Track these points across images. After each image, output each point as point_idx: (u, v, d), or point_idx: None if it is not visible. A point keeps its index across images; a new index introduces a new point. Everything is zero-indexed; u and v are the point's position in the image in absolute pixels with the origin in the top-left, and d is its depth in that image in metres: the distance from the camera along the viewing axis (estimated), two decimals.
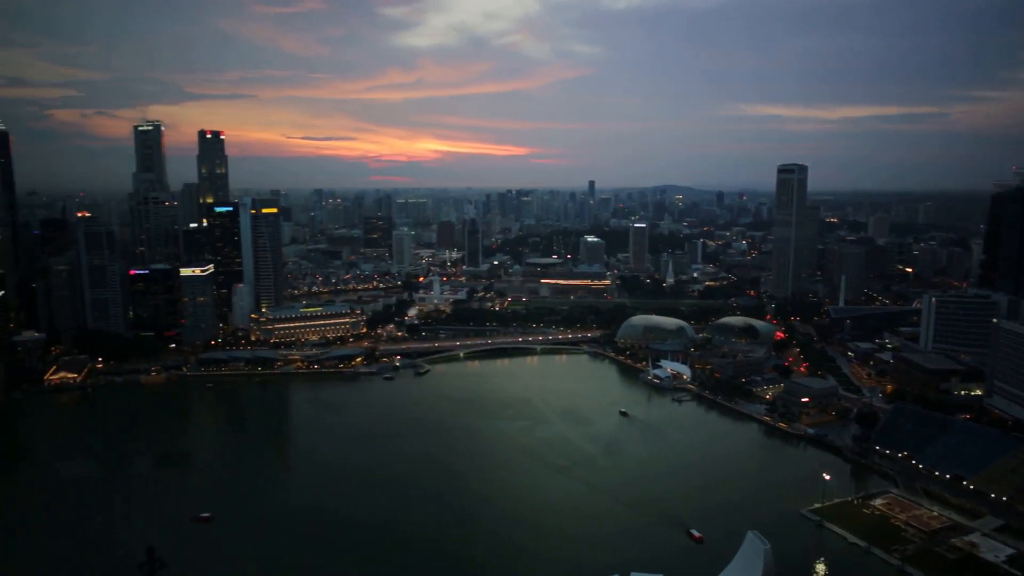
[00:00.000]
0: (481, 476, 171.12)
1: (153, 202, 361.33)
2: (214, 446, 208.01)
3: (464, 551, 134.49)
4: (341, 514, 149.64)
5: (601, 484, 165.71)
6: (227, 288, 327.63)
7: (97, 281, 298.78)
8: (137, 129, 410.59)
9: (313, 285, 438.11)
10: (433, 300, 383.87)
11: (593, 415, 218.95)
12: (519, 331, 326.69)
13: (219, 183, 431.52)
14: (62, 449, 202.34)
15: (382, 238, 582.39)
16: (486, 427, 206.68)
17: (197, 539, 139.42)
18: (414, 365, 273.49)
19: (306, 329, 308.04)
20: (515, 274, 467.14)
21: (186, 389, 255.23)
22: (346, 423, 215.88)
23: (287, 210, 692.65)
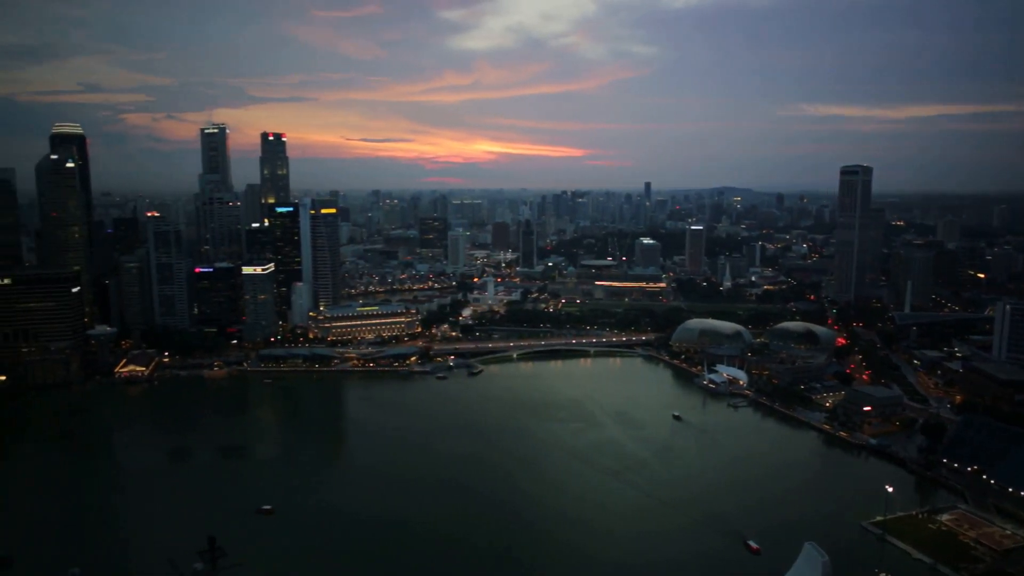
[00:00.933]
0: (532, 477, 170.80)
1: (218, 202, 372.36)
2: (272, 440, 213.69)
3: (512, 552, 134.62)
4: (395, 511, 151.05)
5: (653, 489, 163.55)
6: (287, 286, 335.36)
7: (164, 278, 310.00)
8: (203, 132, 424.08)
9: (369, 284, 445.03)
10: (487, 301, 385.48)
11: (646, 419, 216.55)
12: (573, 333, 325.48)
13: (280, 184, 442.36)
14: (130, 439, 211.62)
15: (437, 238, 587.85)
16: (538, 429, 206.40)
17: (257, 530, 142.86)
18: (467, 365, 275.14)
19: (362, 328, 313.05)
20: (569, 276, 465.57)
21: (246, 384, 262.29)
22: (400, 421, 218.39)
23: (345, 210, 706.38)
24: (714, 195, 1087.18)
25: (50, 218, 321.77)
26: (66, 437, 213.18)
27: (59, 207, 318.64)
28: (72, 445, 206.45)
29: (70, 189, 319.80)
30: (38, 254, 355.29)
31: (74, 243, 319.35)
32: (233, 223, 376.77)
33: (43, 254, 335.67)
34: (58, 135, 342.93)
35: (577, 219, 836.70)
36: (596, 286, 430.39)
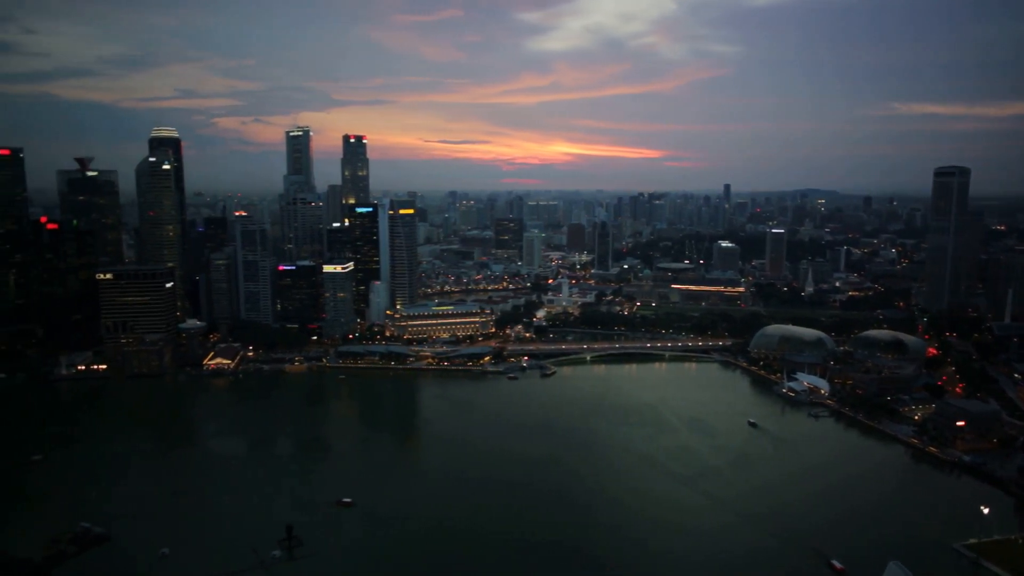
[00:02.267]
0: (601, 482, 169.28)
1: (301, 202, 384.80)
2: (349, 435, 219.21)
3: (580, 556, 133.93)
4: (468, 509, 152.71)
5: (727, 499, 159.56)
6: (365, 285, 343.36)
7: (250, 275, 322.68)
8: (289, 135, 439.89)
9: (445, 284, 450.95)
10: (561, 302, 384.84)
11: (721, 426, 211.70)
12: (647, 336, 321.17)
13: (361, 185, 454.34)
14: (216, 428, 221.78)
15: (513, 239, 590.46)
16: (610, 432, 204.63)
17: (335, 522, 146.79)
18: (541, 366, 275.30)
19: (437, 327, 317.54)
20: (645, 278, 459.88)
21: (324, 379, 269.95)
22: (472, 420, 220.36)
23: (423, 211, 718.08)
24: (796, 197, 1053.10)
25: (148, 217, 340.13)
26: (159, 424, 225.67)
27: (156, 207, 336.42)
28: (164, 432, 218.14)
29: (166, 190, 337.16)
30: (137, 251, 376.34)
31: (169, 241, 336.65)
32: (315, 223, 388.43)
33: (141, 251, 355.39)
34: (156, 138, 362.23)
35: (654, 221, 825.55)
36: (672, 289, 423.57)
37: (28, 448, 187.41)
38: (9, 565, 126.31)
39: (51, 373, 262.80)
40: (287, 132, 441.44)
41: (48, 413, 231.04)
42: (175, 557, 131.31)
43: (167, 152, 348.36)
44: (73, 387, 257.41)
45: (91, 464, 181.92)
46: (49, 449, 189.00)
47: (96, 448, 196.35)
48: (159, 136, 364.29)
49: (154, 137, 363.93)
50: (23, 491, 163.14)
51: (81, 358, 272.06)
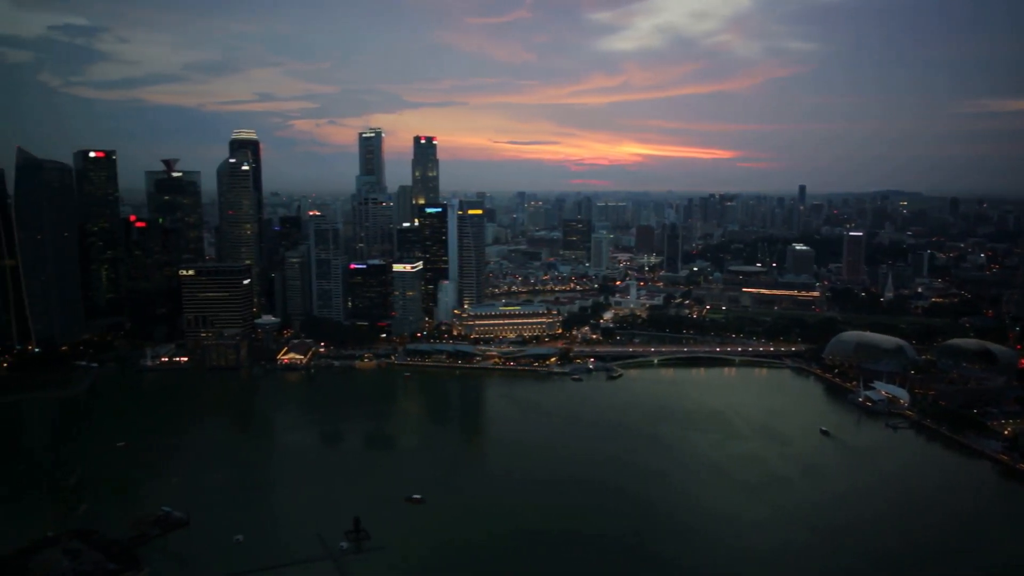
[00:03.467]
0: (666, 485, 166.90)
1: (372, 203, 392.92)
2: (416, 431, 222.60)
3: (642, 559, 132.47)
4: (533, 509, 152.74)
5: (796, 510, 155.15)
6: (433, 284, 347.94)
7: (323, 273, 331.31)
8: (361, 136, 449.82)
9: (512, 284, 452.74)
10: (629, 304, 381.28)
11: (792, 434, 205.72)
12: (717, 340, 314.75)
13: (430, 185, 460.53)
14: (289, 421, 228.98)
15: (581, 240, 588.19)
16: (676, 436, 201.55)
17: (403, 518, 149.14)
18: (607, 368, 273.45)
19: (504, 327, 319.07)
20: (715, 281, 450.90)
21: (392, 376, 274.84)
22: (539, 421, 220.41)
23: (491, 211, 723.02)
24: (876, 199, 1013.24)
25: (227, 216, 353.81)
26: (235, 416, 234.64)
27: (235, 206, 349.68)
28: (240, 423, 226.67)
29: (245, 190, 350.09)
30: (217, 248, 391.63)
31: (246, 239, 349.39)
32: (386, 222, 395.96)
33: (221, 248, 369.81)
34: (236, 140, 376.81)
35: (725, 223, 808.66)
36: (743, 293, 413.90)
37: (116, 435, 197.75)
38: (101, 543, 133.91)
39: (138, 364, 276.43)
40: (360, 133, 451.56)
41: (134, 402, 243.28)
42: (248, 544, 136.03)
43: (246, 154, 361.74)
44: (157, 378, 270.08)
45: (172, 451, 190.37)
46: (133, 436, 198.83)
47: (177, 436, 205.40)
48: (239, 138, 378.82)
49: (234, 139, 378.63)
50: (111, 475, 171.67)
51: (165, 350, 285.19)
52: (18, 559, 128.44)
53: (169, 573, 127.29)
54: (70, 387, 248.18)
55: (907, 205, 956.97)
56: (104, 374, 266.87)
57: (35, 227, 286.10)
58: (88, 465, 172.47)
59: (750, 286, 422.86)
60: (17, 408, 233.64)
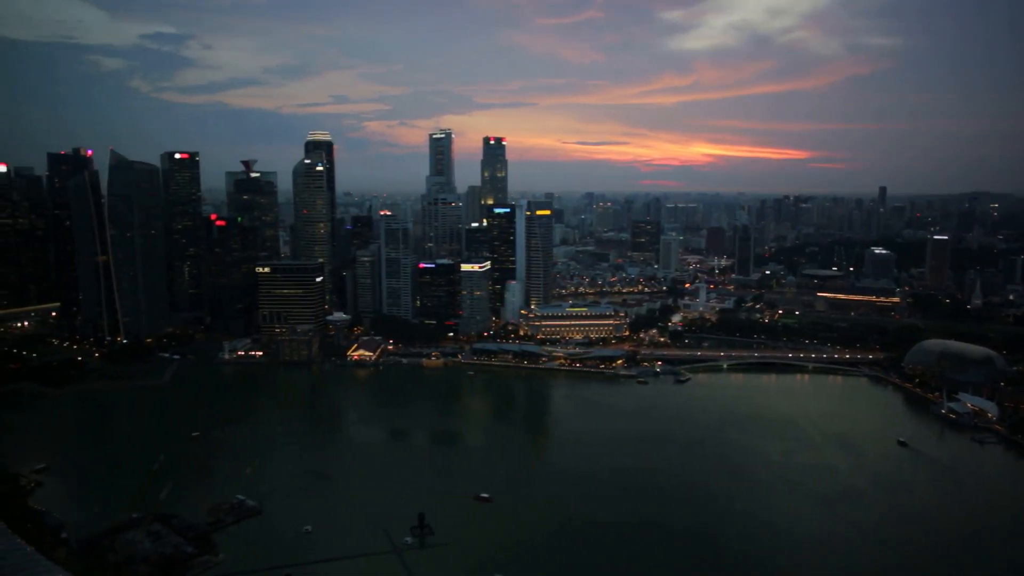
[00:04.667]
0: (733, 493, 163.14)
1: (441, 203, 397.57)
2: (482, 430, 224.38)
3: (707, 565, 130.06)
4: (598, 511, 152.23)
5: (870, 524, 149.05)
6: (501, 284, 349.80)
7: (392, 272, 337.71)
8: (432, 137, 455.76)
9: (580, 286, 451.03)
10: (698, 307, 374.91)
11: (868, 445, 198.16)
12: (789, 346, 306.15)
13: (499, 186, 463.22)
14: (358, 416, 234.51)
15: (649, 242, 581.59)
16: (744, 443, 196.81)
17: (468, 515, 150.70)
18: (674, 372, 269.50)
19: (571, 328, 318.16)
20: (788, 285, 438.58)
21: (459, 375, 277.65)
22: (605, 423, 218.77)
23: (559, 212, 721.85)
24: (964, 201, 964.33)
25: (302, 215, 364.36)
26: (307, 409, 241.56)
27: (309, 205, 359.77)
28: (311, 417, 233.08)
29: (319, 190, 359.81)
30: (291, 246, 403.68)
31: (320, 238, 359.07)
32: (455, 222, 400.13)
33: (295, 247, 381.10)
34: (311, 142, 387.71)
35: (799, 225, 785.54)
36: (818, 297, 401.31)
37: (195, 424, 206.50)
38: (180, 527, 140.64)
39: (216, 357, 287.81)
40: (430, 134, 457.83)
41: (212, 393, 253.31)
42: (317, 534, 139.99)
43: (320, 154, 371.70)
44: (233, 371, 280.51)
45: (246, 442, 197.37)
46: (211, 426, 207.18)
47: (252, 427, 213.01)
48: (314, 139, 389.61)
49: (309, 140, 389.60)
50: (190, 462, 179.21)
51: (241, 344, 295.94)
52: (106, 538, 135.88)
53: (242, 559, 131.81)
54: (154, 377, 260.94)
55: (997, 207, 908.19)
56: (185, 366, 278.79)
57: (125, 225, 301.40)
58: (170, 452, 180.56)
59: (825, 290, 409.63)
60: (108, 396, 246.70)
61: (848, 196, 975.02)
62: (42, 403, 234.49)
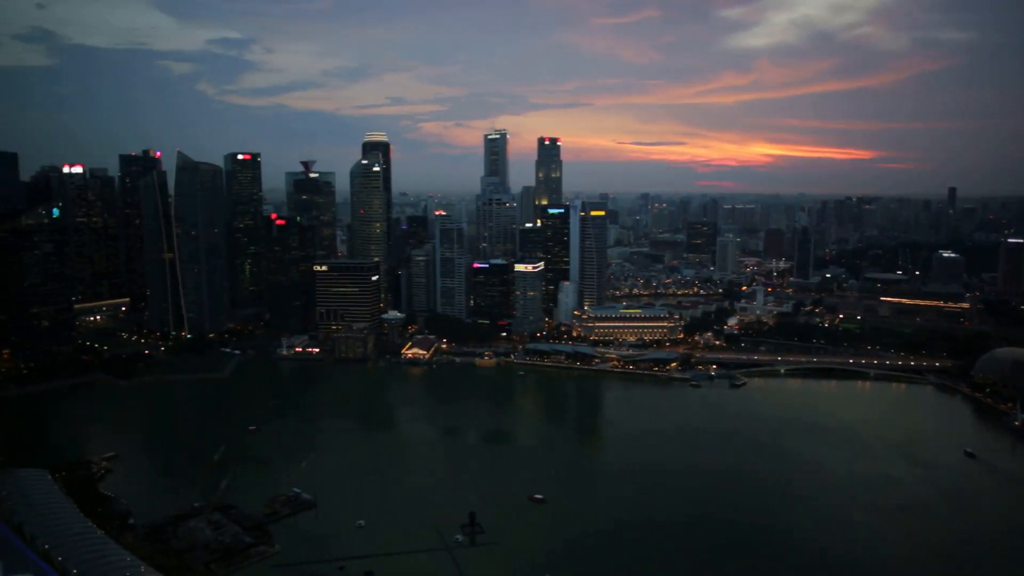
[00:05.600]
0: (788, 501, 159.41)
1: (496, 203, 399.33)
2: (534, 430, 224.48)
3: None
4: (650, 515, 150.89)
5: (938, 541, 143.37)
6: (554, 285, 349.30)
7: (447, 271, 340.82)
8: (487, 138, 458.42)
9: (634, 287, 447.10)
10: (755, 310, 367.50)
11: (933, 456, 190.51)
12: (850, 352, 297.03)
13: (554, 186, 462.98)
14: (411, 413, 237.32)
15: (706, 244, 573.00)
16: (801, 450, 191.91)
17: (515, 514, 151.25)
18: (730, 376, 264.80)
19: (624, 329, 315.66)
20: (850, 289, 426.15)
21: (511, 375, 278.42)
22: (658, 426, 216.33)
23: (614, 213, 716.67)
24: None
25: (358, 215, 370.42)
26: (361, 406, 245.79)
27: (366, 205, 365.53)
28: (365, 413, 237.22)
29: (375, 190, 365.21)
30: (348, 245, 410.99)
31: (376, 237, 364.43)
32: (509, 223, 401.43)
33: (352, 246, 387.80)
34: (368, 143, 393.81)
35: (862, 227, 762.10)
36: (881, 302, 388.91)
37: (254, 418, 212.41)
38: (238, 517, 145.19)
39: (274, 353, 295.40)
40: (485, 135, 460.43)
41: (270, 388, 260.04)
42: (369, 529, 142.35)
43: (377, 155, 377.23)
44: (291, 366, 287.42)
45: (302, 436, 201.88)
46: (269, 420, 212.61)
47: (308, 422, 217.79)
48: (371, 140, 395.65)
49: (367, 141, 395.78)
50: (248, 455, 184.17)
51: (299, 341, 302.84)
52: (169, 525, 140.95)
53: (297, 551, 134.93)
54: (216, 371, 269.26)
55: None
56: (245, 361, 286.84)
57: (190, 224, 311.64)
58: (230, 444, 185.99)
59: (889, 295, 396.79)
60: (172, 388, 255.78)
61: (915, 197, 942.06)
62: (112, 394, 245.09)
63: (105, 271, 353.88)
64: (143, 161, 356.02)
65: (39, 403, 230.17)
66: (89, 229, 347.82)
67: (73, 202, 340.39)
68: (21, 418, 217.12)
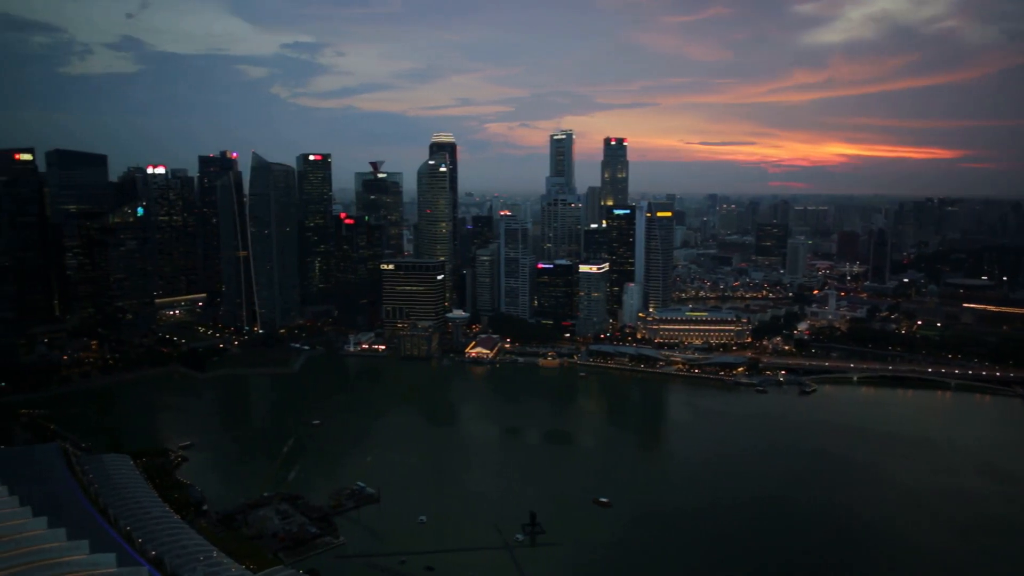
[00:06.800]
0: (858, 516, 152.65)
1: (561, 203, 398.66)
2: (596, 432, 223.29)
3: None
4: (715, 522, 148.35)
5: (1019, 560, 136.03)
6: (619, 286, 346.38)
7: (511, 271, 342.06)
8: (552, 138, 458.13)
9: (700, 289, 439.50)
10: (827, 315, 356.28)
11: (1020, 471, 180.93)
12: (929, 360, 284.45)
13: (619, 187, 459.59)
14: (473, 412, 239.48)
15: (775, 246, 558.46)
16: (873, 462, 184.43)
17: (575, 515, 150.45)
18: (799, 382, 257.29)
19: (690, 332, 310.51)
20: (930, 294, 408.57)
21: (574, 376, 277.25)
22: (724, 431, 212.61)
23: (680, 214, 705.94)
24: None
25: (425, 214, 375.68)
26: (425, 403, 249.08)
27: (432, 205, 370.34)
28: (429, 410, 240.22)
29: (442, 190, 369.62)
30: (415, 245, 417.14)
31: (441, 237, 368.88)
32: (574, 223, 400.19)
33: (418, 245, 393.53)
34: (435, 143, 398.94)
35: (944, 230, 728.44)
36: (964, 309, 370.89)
37: (322, 412, 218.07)
38: (305, 508, 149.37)
39: (342, 349, 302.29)
40: (551, 136, 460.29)
41: (337, 383, 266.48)
42: (431, 525, 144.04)
43: (444, 156, 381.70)
44: (357, 362, 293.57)
45: (367, 432, 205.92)
46: (335, 414, 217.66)
47: (373, 418, 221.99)
48: (438, 141, 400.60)
49: (434, 142, 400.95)
50: (315, 447, 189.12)
51: (365, 338, 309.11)
52: (240, 513, 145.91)
53: (361, 543, 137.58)
54: (286, 366, 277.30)
55: None
56: (313, 356, 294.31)
57: (263, 222, 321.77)
58: (298, 436, 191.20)
59: (973, 301, 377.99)
60: (245, 381, 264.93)
61: (1003, 199, 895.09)
62: (189, 385, 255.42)
63: (183, 267, 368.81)
64: (220, 162, 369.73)
65: (122, 392, 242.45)
66: (170, 227, 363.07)
67: (156, 201, 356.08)
68: (106, 406, 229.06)
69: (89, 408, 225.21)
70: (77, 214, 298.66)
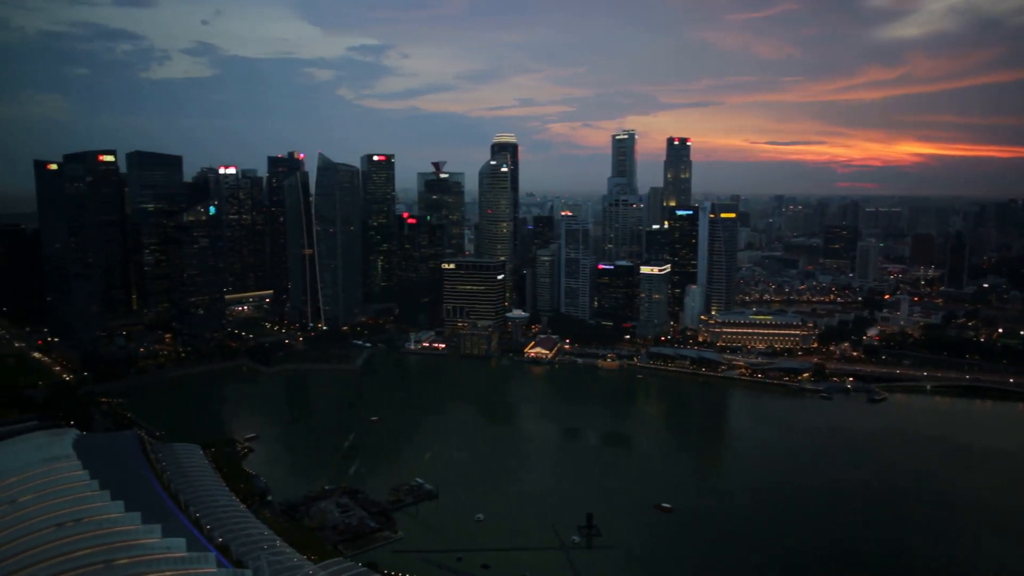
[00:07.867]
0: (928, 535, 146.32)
1: (623, 204, 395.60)
2: (656, 436, 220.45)
3: None
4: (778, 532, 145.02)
5: None
6: (681, 288, 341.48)
7: (571, 272, 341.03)
8: (615, 138, 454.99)
9: (765, 292, 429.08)
10: (899, 321, 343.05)
11: None
12: (1011, 370, 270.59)
13: (682, 187, 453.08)
14: (532, 412, 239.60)
15: (844, 249, 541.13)
16: (948, 476, 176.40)
17: (632, 519, 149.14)
18: (868, 390, 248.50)
19: (753, 336, 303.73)
20: (1012, 301, 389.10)
21: (633, 377, 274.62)
22: (788, 439, 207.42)
23: (745, 215, 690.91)
24: None
25: (486, 214, 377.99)
26: (484, 402, 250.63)
27: (493, 205, 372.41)
28: (487, 410, 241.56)
29: (503, 190, 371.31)
30: (476, 244, 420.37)
31: (502, 237, 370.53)
32: (635, 224, 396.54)
33: (479, 245, 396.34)
34: (497, 144, 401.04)
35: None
36: None
37: (384, 408, 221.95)
38: (364, 502, 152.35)
39: (402, 347, 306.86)
40: (613, 136, 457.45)
41: (398, 380, 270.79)
42: (488, 524, 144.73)
43: (505, 156, 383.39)
44: (417, 360, 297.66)
45: (427, 429, 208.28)
46: (396, 410, 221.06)
47: (432, 415, 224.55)
48: (500, 141, 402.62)
49: (495, 143, 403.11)
50: (376, 443, 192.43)
51: (426, 336, 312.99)
52: (303, 504, 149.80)
53: (419, 538, 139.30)
54: (348, 362, 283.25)
55: None
56: (375, 353, 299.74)
57: (329, 222, 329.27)
58: (359, 431, 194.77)
59: None
60: (308, 376, 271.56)
61: None
62: (255, 379, 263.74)
63: (252, 265, 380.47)
64: (288, 162, 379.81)
65: (193, 384, 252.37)
66: (240, 225, 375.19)
67: (226, 201, 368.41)
68: (178, 397, 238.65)
69: (162, 398, 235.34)
70: (154, 213, 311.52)
